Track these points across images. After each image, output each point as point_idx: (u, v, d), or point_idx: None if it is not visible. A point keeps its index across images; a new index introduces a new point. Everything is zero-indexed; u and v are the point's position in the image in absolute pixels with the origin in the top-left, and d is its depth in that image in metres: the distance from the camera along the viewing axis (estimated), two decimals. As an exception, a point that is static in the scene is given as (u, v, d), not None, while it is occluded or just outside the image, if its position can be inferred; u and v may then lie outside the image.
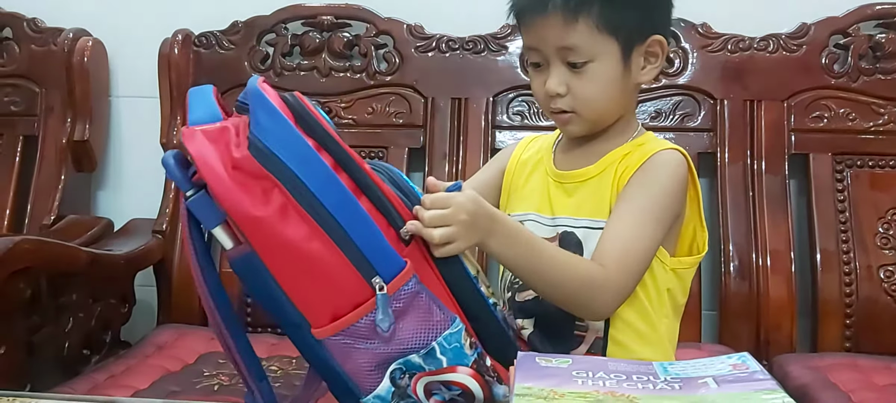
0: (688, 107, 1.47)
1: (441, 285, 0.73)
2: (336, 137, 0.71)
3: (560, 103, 0.90)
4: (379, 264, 0.69)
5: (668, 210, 0.88)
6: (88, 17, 1.63)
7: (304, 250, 0.68)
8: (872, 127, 1.44)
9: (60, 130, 1.58)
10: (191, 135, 0.69)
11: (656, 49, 0.91)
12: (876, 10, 1.46)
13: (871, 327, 1.38)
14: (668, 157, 0.90)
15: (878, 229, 1.41)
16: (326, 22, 1.55)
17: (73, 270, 1.28)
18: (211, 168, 0.67)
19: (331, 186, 0.68)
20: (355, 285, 0.68)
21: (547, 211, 0.94)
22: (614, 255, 0.85)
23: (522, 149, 1.03)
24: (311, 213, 0.67)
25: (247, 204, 0.67)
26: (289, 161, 0.67)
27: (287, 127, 0.68)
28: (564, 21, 0.86)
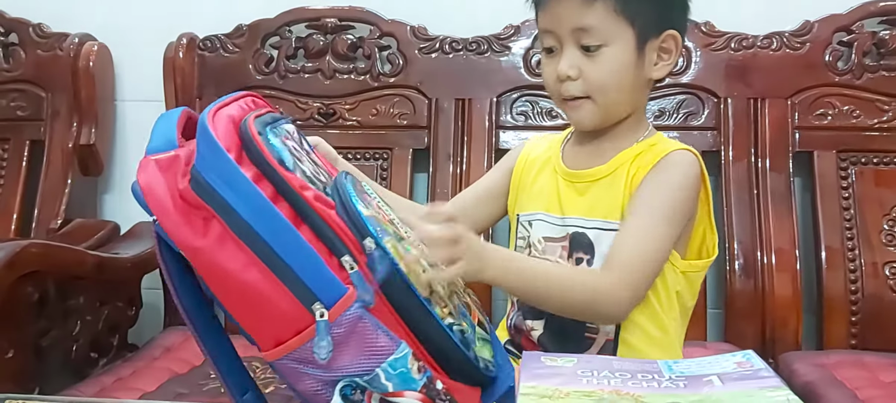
0: (691, 106, 1.47)
1: (389, 310, 0.73)
2: (278, 169, 0.72)
3: (571, 88, 0.89)
4: (319, 291, 0.69)
5: (680, 210, 0.88)
6: (94, 22, 1.64)
7: (242, 279, 0.69)
8: (877, 124, 1.44)
9: (66, 134, 1.59)
10: (144, 165, 0.72)
11: (670, 45, 0.91)
12: (879, 6, 1.45)
13: (877, 324, 1.38)
14: (680, 157, 0.90)
15: (883, 226, 1.41)
16: (330, 24, 1.56)
17: (80, 274, 1.28)
18: (156, 198, 0.70)
19: (267, 216, 0.69)
20: (295, 312, 0.69)
21: (556, 210, 0.94)
22: (624, 259, 0.85)
23: (531, 148, 1.03)
24: (247, 243, 0.68)
25: (187, 234, 0.69)
26: (224, 193, 0.68)
27: (224, 159, 0.69)
28: (582, 1, 0.86)
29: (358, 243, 0.72)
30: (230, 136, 0.72)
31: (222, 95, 1.62)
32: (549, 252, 0.94)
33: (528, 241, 0.97)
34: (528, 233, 0.97)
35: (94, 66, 1.57)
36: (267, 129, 0.76)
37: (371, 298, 0.71)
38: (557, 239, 0.93)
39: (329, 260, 0.71)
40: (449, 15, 1.56)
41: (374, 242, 0.72)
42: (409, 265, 0.74)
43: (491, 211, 1.05)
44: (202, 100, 1.56)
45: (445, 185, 1.49)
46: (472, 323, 0.84)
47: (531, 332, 0.94)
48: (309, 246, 0.70)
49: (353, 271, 0.71)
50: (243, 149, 0.72)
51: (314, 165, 0.84)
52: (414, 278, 0.74)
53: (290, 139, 0.83)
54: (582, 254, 0.91)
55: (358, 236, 0.73)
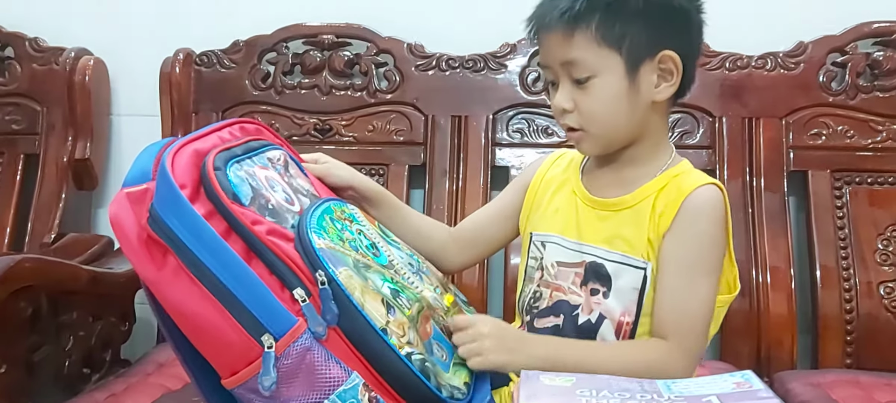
0: (687, 125, 1.48)
1: (343, 341, 0.75)
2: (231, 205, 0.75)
3: (569, 119, 0.89)
4: (268, 322, 0.72)
5: (716, 259, 0.88)
6: (90, 37, 1.64)
7: (195, 311, 0.72)
8: (870, 144, 1.45)
9: (61, 149, 1.59)
10: (117, 196, 0.76)
11: (670, 65, 0.88)
12: (873, 28, 1.47)
13: (872, 343, 1.38)
14: (706, 198, 0.87)
15: (877, 246, 1.42)
16: (327, 41, 1.56)
17: (73, 288, 1.27)
18: (121, 230, 0.74)
19: (218, 251, 0.72)
20: (246, 343, 0.72)
21: (573, 234, 0.93)
22: (674, 325, 0.85)
23: (548, 166, 1.02)
24: (198, 277, 0.72)
25: (147, 266, 0.73)
26: (177, 229, 0.72)
27: (177, 197, 0.72)
28: (563, 35, 0.86)
29: (311, 275, 0.74)
30: (189, 173, 0.76)
31: (218, 110, 1.64)
32: (561, 277, 0.93)
33: (541, 264, 0.96)
34: (541, 255, 0.96)
35: (89, 81, 1.57)
36: (228, 165, 0.79)
37: (323, 330, 0.73)
38: (571, 265, 0.92)
39: (281, 293, 0.74)
40: (446, 32, 1.57)
41: (325, 274, 0.74)
42: (366, 294, 0.75)
43: (506, 229, 1.04)
44: (198, 115, 1.56)
45: (441, 202, 1.50)
46: (451, 347, 0.84)
47: None
48: (258, 279, 0.73)
49: (305, 303, 0.73)
50: (201, 185, 0.76)
51: (293, 192, 0.84)
52: (370, 309, 0.75)
53: (270, 167, 0.84)
54: (598, 285, 0.90)
55: (311, 268, 0.75)
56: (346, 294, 0.74)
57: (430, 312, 0.84)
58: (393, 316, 0.77)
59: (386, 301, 0.78)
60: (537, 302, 0.95)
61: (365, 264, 0.80)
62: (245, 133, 0.89)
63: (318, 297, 0.74)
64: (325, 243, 0.77)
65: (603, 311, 0.90)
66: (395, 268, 0.86)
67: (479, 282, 1.43)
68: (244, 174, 0.80)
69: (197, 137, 0.81)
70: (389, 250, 0.89)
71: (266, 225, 0.76)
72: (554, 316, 0.93)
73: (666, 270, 0.86)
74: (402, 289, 0.83)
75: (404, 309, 0.80)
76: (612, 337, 0.89)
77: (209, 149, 0.79)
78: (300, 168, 0.94)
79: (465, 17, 1.58)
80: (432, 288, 0.90)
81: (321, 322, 0.73)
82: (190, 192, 0.74)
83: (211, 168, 0.76)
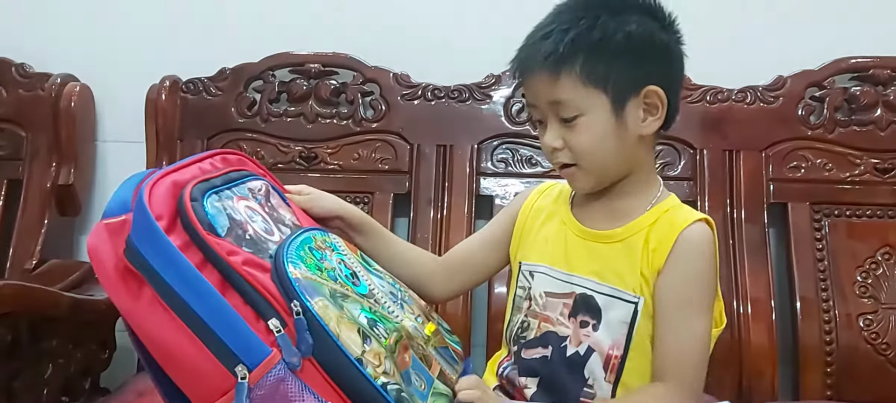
0: (668, 157, 1.50)
1: (318, 372, 0.75)
2: (206, 236, 0.75)
3: (560, 157, 0.91)
4: (242, 353, 0.72)
5: (710, 296, 0.90)
6: (77, 63, 1.64)
7: (171, 342, 0.73)
8: (849, 177, 1.47)
9: (45, 174, 1.58)
10: (96, 228, 0.77)
11: (654, 100, 0.89)
12: (850, 63, 1.50)
13: (852, 375, 1.39)
14: (698, 237, 0.89)
15: (856, 278, 1.43)
16: (314, 69, 1.58)
17: (54, 315, 1.27)
18: (99, 261, 0.75)
19: (192, 282, 0.72)
20: (220, 374, 0.72)
21: (563, 265, 0.93)
22: (674, 366, 0.86)
23: (537, 195, 1.03)
24: (173, 308, 0.72)
25: (123, 297, 0.74)
26: (153, 260, 0.72)
27: (153, 228, 0.73)
28: (549, 77, 0.87)
29: (286, 305, 0.74)
30: (166, 204, 0.76)
31: (204, 137, 1.64)
32: (549, 308, 0.93)
33: (529, 294, 0.96)
34: (530, 285, 0.96)
35: (75, 107, 1.57)
36: (206, 196, 0.79)
37: (298, 360, 0.73)
38: (560, 295, 0.93)
39: (256, 324, 0.74)
40: (431, 63, 1.58)
41: (300, 304, 0.74)
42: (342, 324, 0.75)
43: (496, 258, 1.05)
44: (184, 142, 1.56)
45: (426, 230, 1.50)
46: (430, 376, 0.84)
47: (525, 388, 0.93)
48: (232, 309, 0.73)
49: (280, 333, 0.73)
50: (177, 216, 0.76)
51: (273, 222, 0.85)
52: (346, 339, 0.75)
53: (251, 197, 0.85)
54: (588, 317, 0.90)
55: (286, 298, 0.75)
56: (322, 324, 0.74)
57: (408, 341, 0.84)
58: (369, 345, 0.77)
59: (362, 330, 0.78)
60: (525, 333, 0.95)
61: (342, 294, 0.80)
62: (227, 164, 0.89)
63: (294, 327, 0.74)
64: (301, 273, 0.77)
65: (591, 344, 0.90)
66: (375, 297, 0.86)
67: (464, 311, 1.44)
68: (221, 205, 0.80)
69: (177, 169, 0.81)
70: (370, 279, 0.89)
71: (242, 256, 0.76)
72: (542, 347, 0.93)
73: (664, 311, 0.88)
74: (381, 319, 0.82)
75: (382, 338, 0.80)
76: (601, 371, 0.89)
77: (188, 181, 0.80)
78: (283, 198, 0.94)
79: (450, 48, 1.60)
80: (413, 317, 0.90)
81: (296, 352, 0.73)
82: (166, 223, 0.75)
83: (188, 199, 0.77)
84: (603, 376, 0.89)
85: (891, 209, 1.45)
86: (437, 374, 0.87)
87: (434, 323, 0.96)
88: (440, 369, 0.89)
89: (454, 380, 0.90)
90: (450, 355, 0.94)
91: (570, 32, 0.87)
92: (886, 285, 1.42)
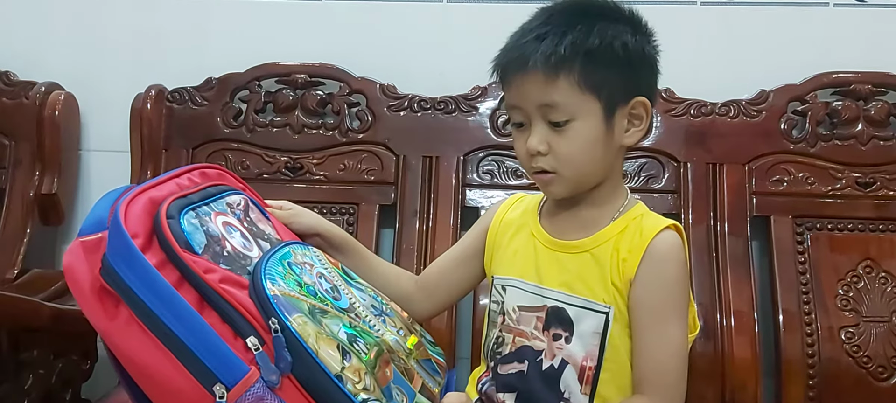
0: (652, 170, 1.51)
1: (297, 389, 0.75)
2: (183, 254, 0.75)
3: (541, 162, 0.89)
4: (220, 372, 0.72)
5: (684, 302, 0.90)
6: (62, 71, 1.64)
7: (147, 361, 0.72)
8: (830, 191, 1.48)
9: (28, 183, 1.57)
10: (72, 246, 0.76)
11: (640, 111, 0.90)
12: (832, 78, 1.51)
13: (834, 387, 1.40)
14: (668, 244, 0.89)
15: (838, 291, 1.44)
16: (300, 80, 1.58)
17: (35, 325, 1.25)
18: (74, 280, 0.75)
19: (168, 301, 0.72)
20: (197, 393, 0.72)
21: (533, 278, 0.93)
22: (655, 377, 0.87)
23: (506, 208, 1.03)
24: (149, 327, 0.72)
25: (99, 316, 0.73)
26: (129, 279, 0.72)
27: (129, 247, 0.72)
28: (545, 78, 0.86)
29: (264, 322, 0.74)
30: (142, 222, 0.76)
31: (189, 147, 1.64)
32: (523, 322, 0.93)
33: (502, 308, 0.96)
34: (502, 299, 0.96)
35: (59, 115, 1.56)
36: (183, 213, 0.79)
37: (276, 378, 0.73)
38: (532, 309, 0.92)
39: (234, 342, 0.73)
40: (418, 74, 1.59)
41: (279, 322, 0.74)
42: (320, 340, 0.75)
43: (470, 273, 1.05)
44: (169, 151, 1.56)
45: (411, 242, 1.50)
46: (411, 390, 0.84)
47: None
48: (210, 328, 0.72)
49: (258, 352, 0.73)
50: (154, 234, 0.76)
51: (252, 237, 0.84)
52: (325, 356, 0.74)
53: (229, 213, 0.84)
54: (560, 330, 0.90)
55: (264, 316, 0.74)
56: (300, 341, 0.74)
57: (390, 355, 0.84)
58: (349, 361, 0.77)
59: (342, 346, 0.78)
60: (500, 348, 0.95)
61: (321, 310, 0.80)
62: (205, 178, 0.89)
63: (272, 345, 0.74)
64: (279, 289, 0.77)
65: (565, 356, 0.90)
66: (356, 312, 0.86)
67: (448, 324, 1.43)
68: (198, 221, 0.80)
69: (154, 185, 0.81)
70: (351, 293, 0.88)
71: (219, 274, 0.76)
72: (518, 362, 0.93)
73: (640, 322, 0.88)
74: (361, 333, 0.82)
75: (362, 354, 0.80)
76: (576, 384, 0.89)
77: (165, 197, 0.79)
78: (263, 212, 0.94)
79: (437, 59, 1.60)
80: (395, 330, 0.90)
81: (274, 370, 0.73)
82: (142, 241, 0.74)
83: (164, 217, 0.77)
84: (578, 388, 0.89)
85: (872, 223, 1.47)
86: (418, 387, 0.87)
87: (417, 335, 0.96)
88: (422, 382, 0.89)
89: (436, 393, 0.90)
90: (432, 367, 0.94)
91: (568, 35, 0.86)
92: (868, 298, 1.43)
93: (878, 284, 1.44)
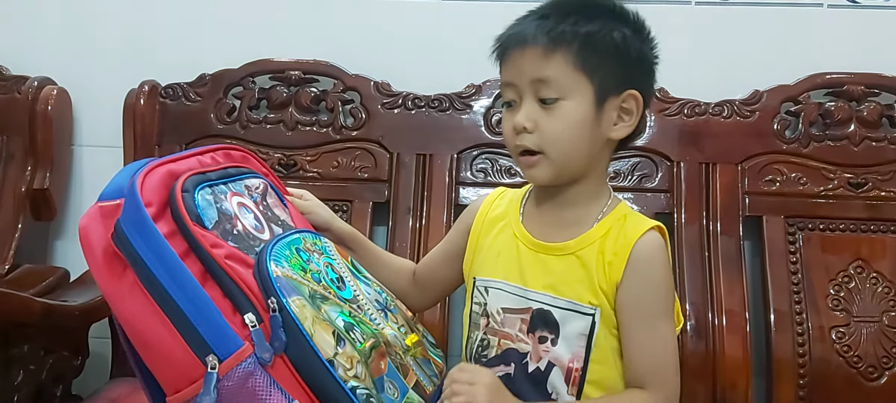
0: (646, 169, 1.51)
1: (289, 369, 0.76)
2: (192, 227, 0.76)
3: (526, 140, 0.89)
4: (215, 343, 0.73)
5: (670, 300, 0.91)
6: (54, 66, 1.63)
7: (146, 326, 0.74)
8: (823, 191, 1.48)
9: (20, 178, 1.57)
10: (91, 210, 0.79)
11: (631, 105, 0.90)
12: (826, 78, 1.52)
13: (825, 387, 1.41)
14: (653, 246, 0.90)
15: (829, 291, 1.45)
16: (294, 77, 1.57)
17: (26, 321, 1.25)
18: (88, 242, 0.77)
19: (174, 270, 0.74)
20: (190, 361, 0.73)
21: (517, 280, 0.93)
22: (650, 375, 0.88)
23: (488, 206, 1.02)
24: (151, 292, 0.74)
25: (106, 278, 0.75)
26: (137, 244, 0.74)
27: (141, 213, 0.74)
28: (544, 51, 0.87)
29: (264, 302, 0.76)
30: (157, 192, 0.77)
31: (182, 143, 1.63)
32: (508, 324, 0.93)
33: (485, 310, 0.96)
34: (485, 301, 0.96)
35: (52, 110, 1.56)
36: (198, 189, 0.80)
37: (269, 356, 0.74)
38: (517, 311, 0.93)
39: (232, 317, 0.75)
40: (412, 72, 1.59)
41: (277, 302, 0.75)
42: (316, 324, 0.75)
43: (457, 270, 1.04)
44: (162, 147, 1.55)
45: (405, 239, 1.50)
46: (404, 386, 0.84)
47: None
48: (210, 300, 0.74)
49: (254, 328, 0.74)
50: (167, 204, 0.77)
51: (265, 221, 0.85)
52: (319, 340, 0.75)
53: (246, 194, 0.85)
54: (546, 333, 0.90)
55: (264, 295, 0.76)
56: (297, 322, 0.75)
57: (386, 349, 0.84)
58: (343, 348, 0.78)
59: (337, 333, 0.79)
60: (485, 351, 0.95)
61: (322, 296, 0.81)
62: (229, 159, 0.91)
63: (269, 324, 0.75)
64: (282, 271, 0.78)
65: (551, 359, 0.90)
66: (358, 303, 0.86)
67: (441, 320, 1.44)
68: (213, 198, 0.81)
69: (175, 159, 0.83)
70: (357, 286, 0.89)
71: (225, 250, 0.78)
72: (504, 365, 0.93)
73: (630, 324, 0.88)
74: (359, 323, 0.83)
75: (357, 342, 0.80)
76: (563, 385, 0.90)
77: (183, 172, 0.81)
78: (281, 199, 0.95)
79: (431, 57, 1.60)
80: (396, 326, 0.90)
81: (268, 348, 0.74)
82: (155, 211, 0.76)
83: (179, 189, 0.78)
84: (565, 390, 0.90)
85: (863, 223, 1.47)
86: (412, 384, 0.87)
87: (418, 335, 0.96)
88: (417, 379, 0.89)
89: (430, 392, 0.90)
90: (431, 368, 0.94)
91: (570, 17, 0.88)
92: (859, 298, 1.44)
93: (869, 284, 1.45)
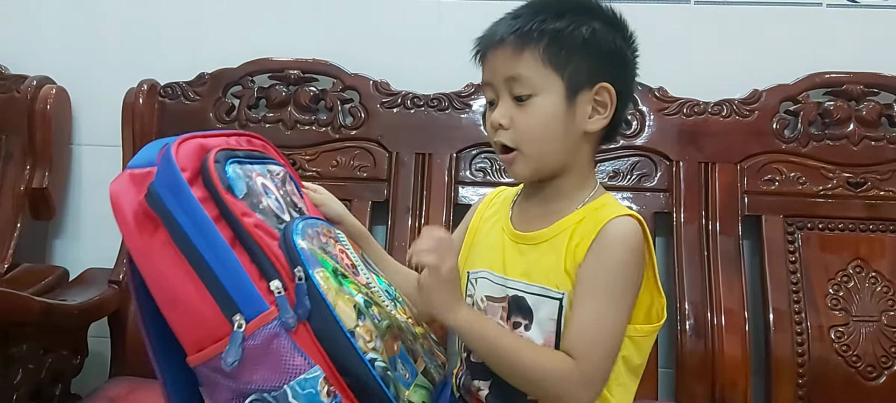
0: (645, 168, 1.51)
1: (310, 337, 0.78)
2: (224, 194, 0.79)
3: (503, 136, 0.91)
4: (242, 304, 0.76)
5: (629, 286, 0.89)
6: (54, 65, 1.63)
7: (174, 284, 0.76)
8: (822, 190, 1.48)
9: (19, 177, 1.57)
10: (120, 176, 0.81)
11: (604, 97, 0.91)
12: (824, 78, 1.52)
13: (823, 386, 1.41)
14: (621, 228, 0.89)
15: (828, 290, 1.45)
16: (293, 76, 1.57)
17: (25, 320, 1.25)
18: (119, 205, 0.79)
19: (205, 231, 0.77)
20: (217, 320, 0.76)
21: (499, 269, 0.94)
22: (581, 346, 0.86)
23: (486, 205, 1.04)
24: (183, 251, 0.76)
25: (136, 237, 0.77)
26: (171, 205, 0.76)
27: (176, 176, 0.77)
28: (513, 51, 0.90)
29: (289, 271, 0.78)
30: (190, 160, 0.80)
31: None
32: (490, 312, 0.94)
33: (473, 300, 0.97)
34: (473, 291, 0.97)
35: (51, 109, 1.56)
36: (228, 162, 0.83)
37: (293, 322, 0.77)
38: (498, 300, 0.94)
39: (259, 282, 0.77)
40: (411, 71, 1.59)
41: (303, 271, 0.78)
42: (338, 295, 0.78)
43: None
44: (161, 146, 1.55)
45: (404, 238, 1.50)
46: (415, 369, 0.85)
47: (479, 392, 0.94)
48: (238, 263, 0.77)
49: (280, 294, 0.77)
50: (200, 173, 0.80)
51: (285, 204, 0.87)
52: (341, 311, 0.78)
53: (269, 177, 0.89)
54: (520, 319, 0.91)
55: (291, 264, 0.79)
56: (321, 292, 0.78)
57: (399, 333, 0.86)
58: (363, 321, 0.80)
59: (358, 307, 0.81)
60: None
61: (343, 274, 0.84)
62: (251, 146, 0.93)
63: (294, 292, 0.78)
64: (307, 245, 0.81)
65: None
66: (372, 290, 0.88)
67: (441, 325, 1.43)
68: (242, 172, 0.84)
69: (204, 135, 0.86)
70: (369, 275, 0.91)
71: (254, 219, 0.80)
72: None
73: (575, 295, 0.88)
74: (376, 304, 0.85)
75: (375, 319, 0.83)
76: None
77: (214, 146, 0.84)
78: (298, 189, 0.96)
79: (430, 56, 1.60)
80: (405, 317, 0.91)
81: (292, 314, 0.77)
82: (189, 176, 0.79)
83: (212, 160, 0.81)
84: None
85: (862, 223, 1.47)
86: (421, 370, 0.88)
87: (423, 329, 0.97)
88: (425, 366, 0.90)
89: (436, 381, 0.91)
90: (435, 361, 0.95)
91: (539, 16, 0.91)
92: (857, 298, 1.44)
93: (868, 284, 1.45)
